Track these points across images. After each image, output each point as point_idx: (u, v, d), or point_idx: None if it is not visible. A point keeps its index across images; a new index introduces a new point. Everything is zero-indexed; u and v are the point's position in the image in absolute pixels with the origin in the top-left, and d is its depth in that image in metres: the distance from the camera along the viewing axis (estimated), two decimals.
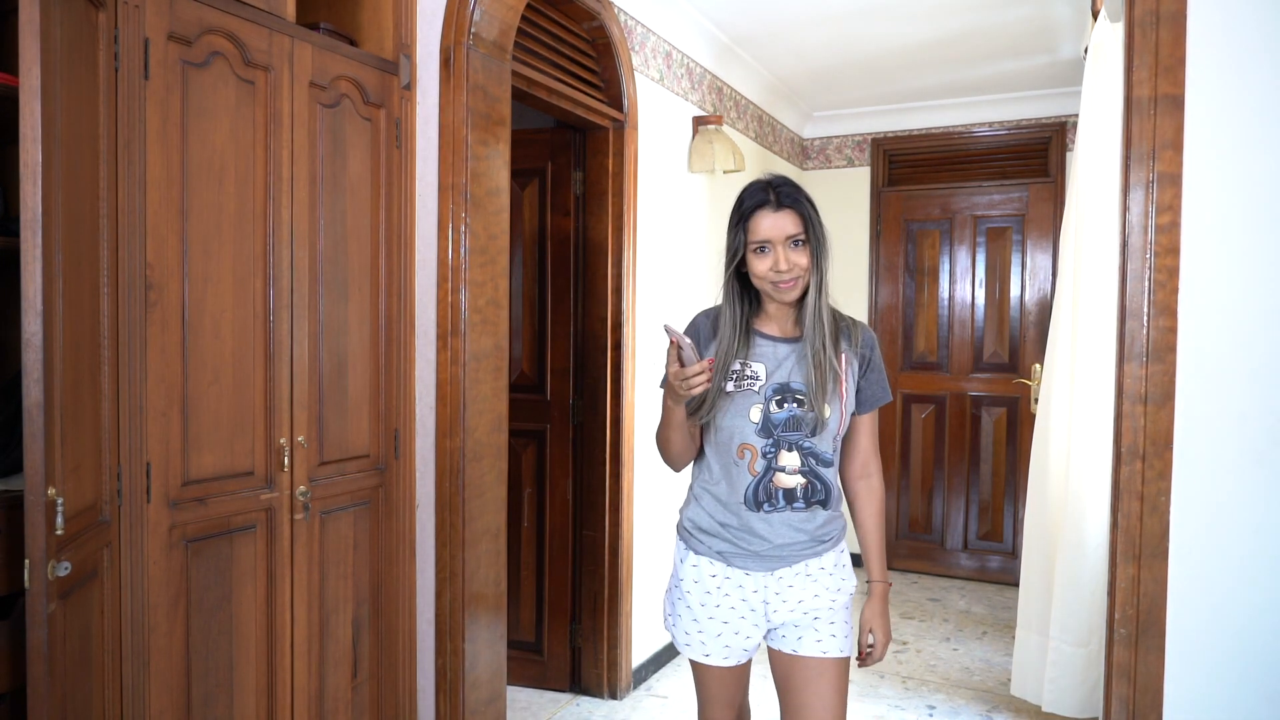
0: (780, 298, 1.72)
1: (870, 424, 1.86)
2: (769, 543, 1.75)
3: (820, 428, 1.71)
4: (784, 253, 1.68)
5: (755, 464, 1.73)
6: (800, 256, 1.69)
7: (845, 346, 1.76)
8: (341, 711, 2.30)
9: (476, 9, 2.45)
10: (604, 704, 3.31)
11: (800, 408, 1.71)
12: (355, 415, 2.32)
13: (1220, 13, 1.83)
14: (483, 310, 2.52)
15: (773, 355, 1.75)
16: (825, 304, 1.73)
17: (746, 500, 1.74)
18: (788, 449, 1.72)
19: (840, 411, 1.74)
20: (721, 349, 1.74)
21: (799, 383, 1.72)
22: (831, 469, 1.77)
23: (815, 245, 1.70)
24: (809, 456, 1.73)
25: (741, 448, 1.73)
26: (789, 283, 1.70)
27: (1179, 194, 1.85)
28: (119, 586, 1.78)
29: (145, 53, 1.78)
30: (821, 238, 1.71)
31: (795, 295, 1.72)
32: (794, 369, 1.73)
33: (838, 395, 1.73)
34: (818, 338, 1.71)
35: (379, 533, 2.42)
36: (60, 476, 1.50)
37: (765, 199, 1.70)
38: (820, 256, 1.71)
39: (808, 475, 1.74)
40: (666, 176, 3.62)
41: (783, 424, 1.71)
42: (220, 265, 1.95)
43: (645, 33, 3.41)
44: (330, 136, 2.22)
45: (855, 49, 4.08)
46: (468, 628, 2.50)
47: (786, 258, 1.68)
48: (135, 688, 1.80)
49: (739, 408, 1.73)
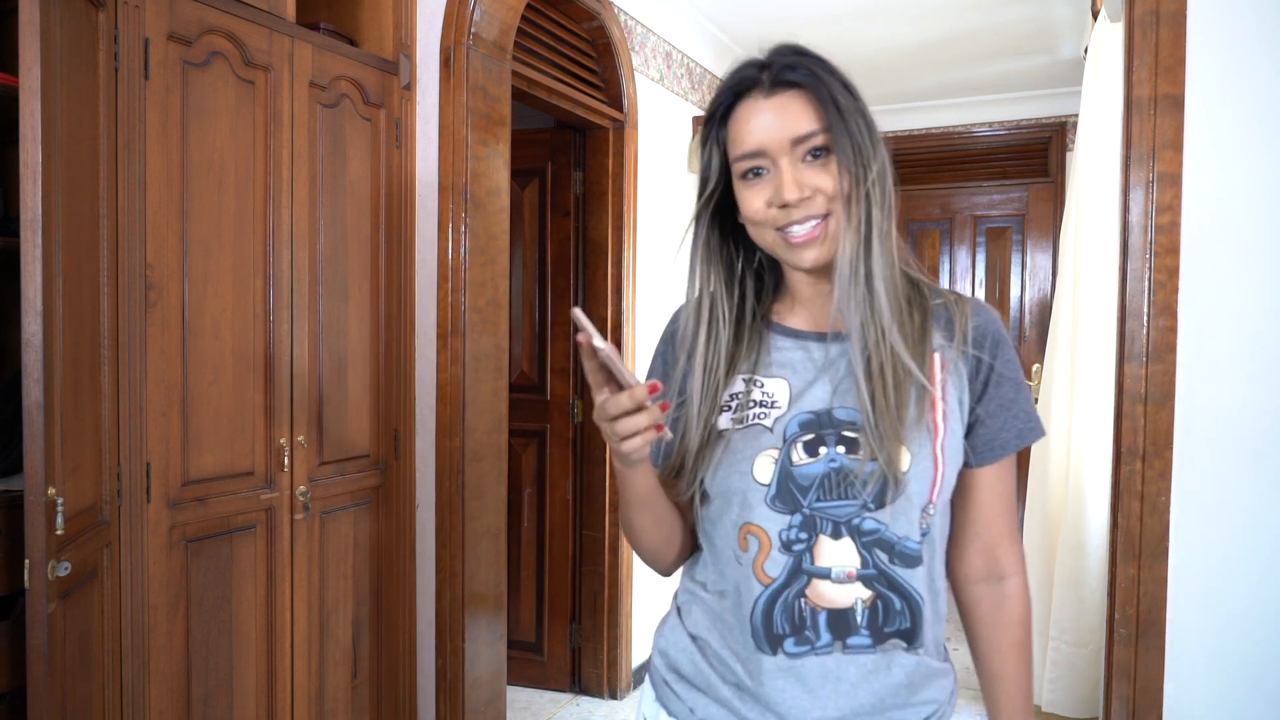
0: (793, 259, 0.97)
1: (1000, 481, 1.02)
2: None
3: (894, 491, 0.93)
4: (790, 170, 0.94)
5: (766, 563, 0.95)
6: (820, 176, 0.94)
7: (940, 342, 0.98)
8: (341, 711, 2.30)
9: (476, 9, 2.45)
10: (604, 704, 3.31)
11: (851, 454, 0.94)
12: (355, 415, 2.32)
13: (1220, 13, 1.83)
14: (483, 310, 2.52)
15: (801, 364, 1.01)
16: (887, 264, 0.96)
17: (755, 631, 0.96)
18: (832, 533, 0.94)
19: (935, 459, 0.95)
20: (708, 359, 1.02)
21: (848, 409, 0.95)
22: (924, 570, 0.96)
23: (853, 155, 0.94)
24: (876, 547, 0.94)
25: (744, 532, 0.97)
26: (807, 231, 0.95)
27: (1179, 194, 1.85)
28: (119, 586, 1.78)
29: (145, 53, 1.78)
30: (865, 140, 0.95)
31: (822, 253, 0.96)
32: (839, 386, 0.97)
33: (927, 429, 0.95)
34: (877, 325, 0.94)
35: (379, 533, 2.42)
36: (60, 476, 1.50)
37: (753, 79, 0.98)
38: (867, 175, 0.94)
39: (876, 584, 0.94)
40: (666, 176, 3.62)
41: (819, 485, 0.94)
42: (220, 265, 1.95)
43: (645, 33, 3.41)
44: (330, 136, 2.22)
45: (855, 49, 4.08)
46: (468, 628, 2.50)
47: (796, 179, 0.94)
48: (135, 688, 1.80)
49: (736, 458, 0.97)
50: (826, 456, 0.95)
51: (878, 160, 0.95)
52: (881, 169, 0.96)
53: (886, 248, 0.96)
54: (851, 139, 0.94)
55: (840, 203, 0.94)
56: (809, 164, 0.95)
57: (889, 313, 0.95)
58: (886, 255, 0.96)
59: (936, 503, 0.96)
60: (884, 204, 0.95)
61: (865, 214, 0.94)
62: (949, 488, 0.97)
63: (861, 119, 0.95)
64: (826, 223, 0.95)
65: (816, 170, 0.95)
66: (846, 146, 0.94)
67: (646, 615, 3.53)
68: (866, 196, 0.94)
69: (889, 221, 0.96)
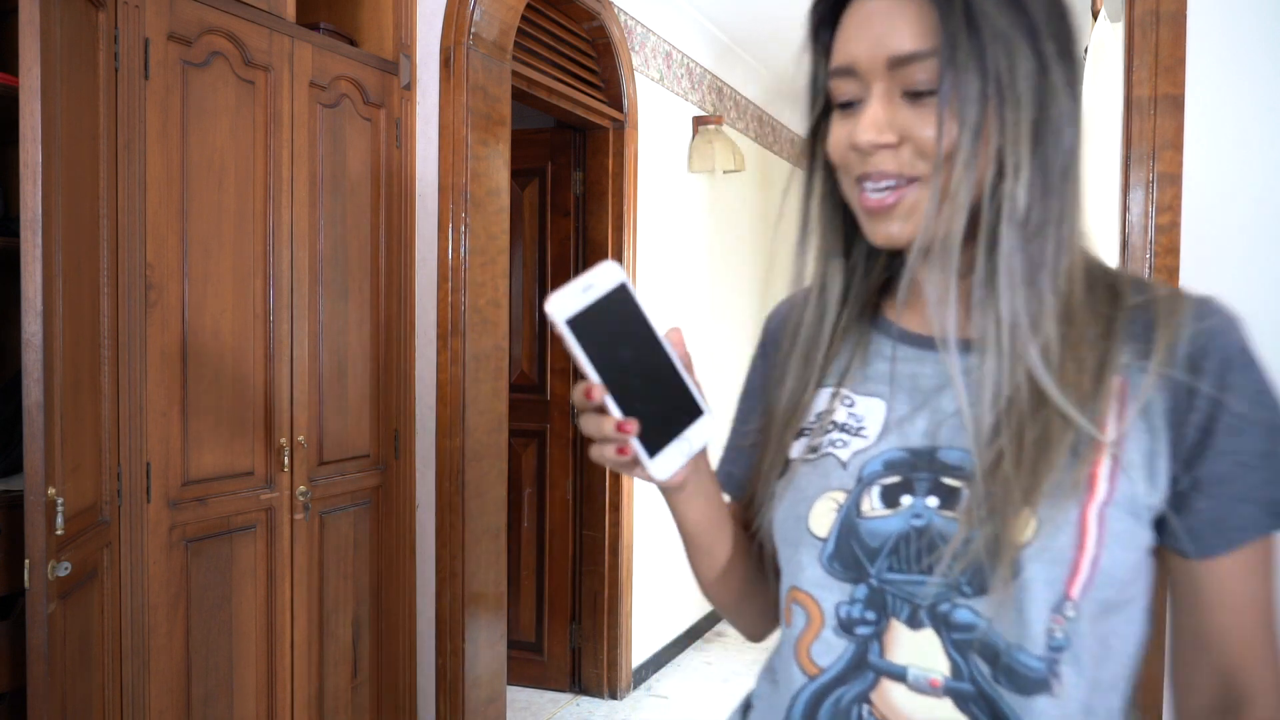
0: (867, 231, 0.69)
1: (1243, 578, 0.65)
2: None
3: (1001, 573, 0.61)
4: (878, 103, 0.65)
5: (814, 645, 0.69)
6: (918, 120, 0.64)
7: (1129, 360, 0.65)
8: (341, 711, 2.30)
9: (476, 9, 2.45)
10: (604, 704, 3.31)
11: (946, 510, 0.65)
12: (355, 415, 2.32)
13: (1220, 13, 1.83)
14: (483, 310, 2.52)
15: (907, 381, 0.72)
16: (1056, 249, 0.65)
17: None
18: (909, 620, 0.65)
19: (1083, 534, 0.61)
20: (798, 361, 0.76)
21: (959, 450, 0.66)
22: (1054, 706, 0.61)
23: (978, 97, 0.62)
24: (974, 652, 0.63)
25: (790, 599, 0.71)
26: (879, 196, 0.66)
27: (1179, 194, 1.85)
28: (119, 586, 1.78)
29: (145, 53, 1.78)
30: (1016, 74, 0.63)
31: (900, 231, 0.67)
32: (953, 417, 0.68)
33: (1078, 487, 0.62)
34: (1021, 333, 0.64)
35: (379, 533, 2.42)
36: (60, 476, 1.50)
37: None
38: (1005, 127, 0.63)
39: (974, 709, 0.62)
40: (666, 176, 3.62)
41: (892, 549, 0.66)
42: (220, 265, 1.95)
43: (645, 33, 3.41)
44: (330, 136, 2.22)
45: None
46: (468, 628, 2.50)
47: (879, 115, 0.65)
48: (135, 688, 1.80)
49: (794, 499, 0.72)
50: (909, 510, 0.65)
51: (1032, 105, 0.62)
52: (1044, 119, 0.62)
53: (1046, 239, 0.63)
54: (983, 71, 0.61)
55: (939, 166, 0.63)
56: (909, 103, 0.64)
57: (1030, 323, 0.63)
58: (1064, 241, 0.64)
59: (1081, 601, 0.60)
60: (1041, 174, 0.63)
61: (993, 186, 0.63)
62: (1111, 582, 0.61)
63: (1023, 38, 0.61)
64: (907, 191, 0.65)
65: (916, 112, 0.64)
66: (970, 81, 0.61)
67: (646, 615, 3.53)
68: (1013, 152, 0.62)
69: (1057, 202, 0.63)
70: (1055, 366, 0.63)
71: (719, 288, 4.11)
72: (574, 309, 0.62)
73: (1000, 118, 0.63)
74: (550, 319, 0.61)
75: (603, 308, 0.63)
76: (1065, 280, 0.65)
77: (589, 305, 0.62)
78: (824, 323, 0.75)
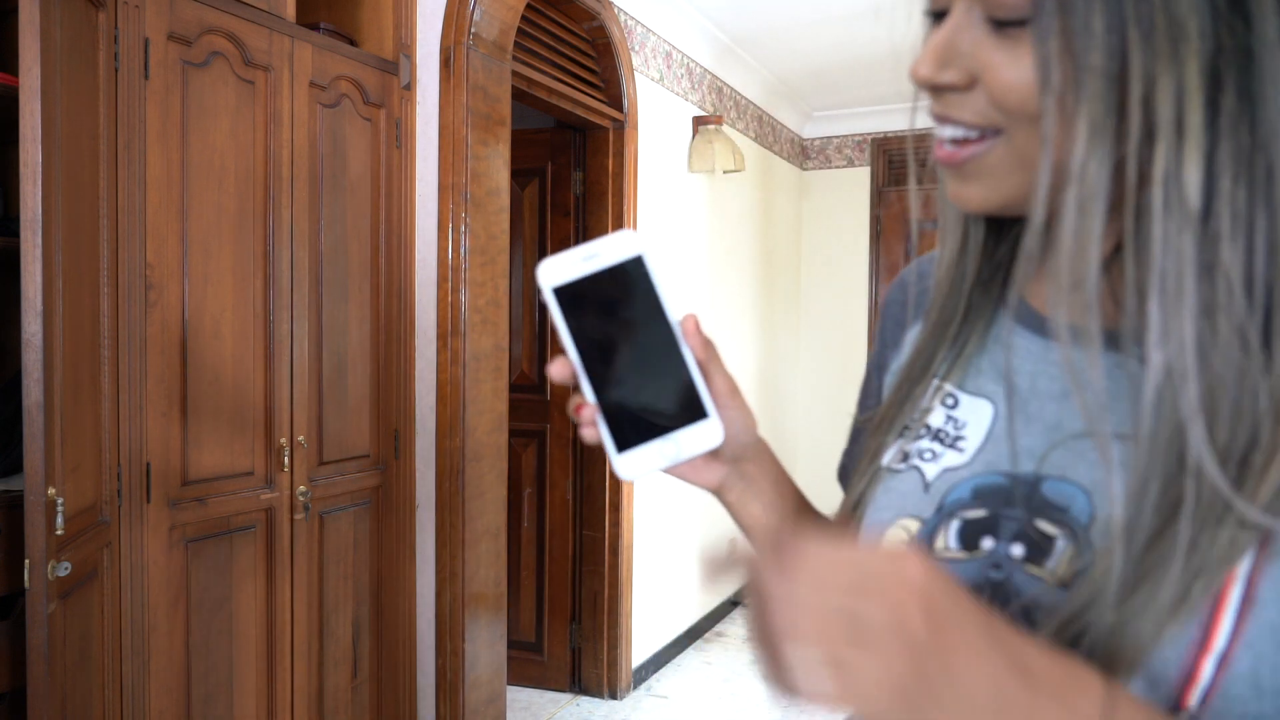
0: (945, 184, 0.55)
1: None
2: None
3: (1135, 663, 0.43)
4: (952, 27, 0.49)
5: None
6: (1001, 57, 0.47)
7: None
8: (341, 711, 2.30)
9: (476, 9, 2.45)
10: (604, 704, 3.31)
11: (1033, 565, 0.49)
12: (355, 415, 2.32)
13: None
14: (483, 310, 2.52)
15: (1029, 380, 0.54)
16: (1249, 258, 0.43)
17: None
18: None
19: (1209, 634, 0.42)
20: (904, 332, 0.66)
21: (1071, 486, 0.50)
22: None
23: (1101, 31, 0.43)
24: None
25: None
26: (949, 148, 0.51)
27: None
28: (119, 586, 1.78)
29: (145, 53, 1.78)
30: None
31: (977, 194, 0.51)
32: (1076, 438, 0.51)
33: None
34: (1176, 332, 0.44)
35: (379, 533, 2.42)
36: (60, 476, 1.50)
37: None
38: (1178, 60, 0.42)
39: None
40: (666, 176, 3.62)
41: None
42: (220, 265, 1.95)
43: (645, 33, 3.41)
44: (330, 136, 2.22)
45: (855, 49, 4.08)
46: (468, 628, 2.50)
47: (947, 45, 0.49)
48: (135, 688, 1.80)
49: (871, 520, 0.59)
50: (987, 557, 0.51)
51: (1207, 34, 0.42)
52: (1227, 59, 0.43)
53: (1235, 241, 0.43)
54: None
55: (1030, 120, 0.46)
56: (994, 33, 0.47)
57: (1228, 299, 0.43)
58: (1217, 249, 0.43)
59: (1200, 710, 0.43)
60: (1232, 141, 0.43)
61: (1140, 155, 0.44)
62: (1240, 702, 0.42)
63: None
64: (980, 147, 0.49)
65: (1001, 46, 0.47)
66: (1076, 9, 0.43)
67: (646, 615, 3.53)
68: (1149, 113, 0.43)
69: (1250, 188, 0.43)
70: (1233, 442, 0.43)
71: (719, 288, 4.11)
72: (567, 277, 0.55)
73: (1147, 53, 0.42)
74: (538, 283, 0.55)
75: (606, 280, 0.55)
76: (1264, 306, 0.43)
77: (587, 275, 0.55)
78: (960, 291, 0.58)
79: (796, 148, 5.19)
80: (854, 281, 5.19)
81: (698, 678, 3.62)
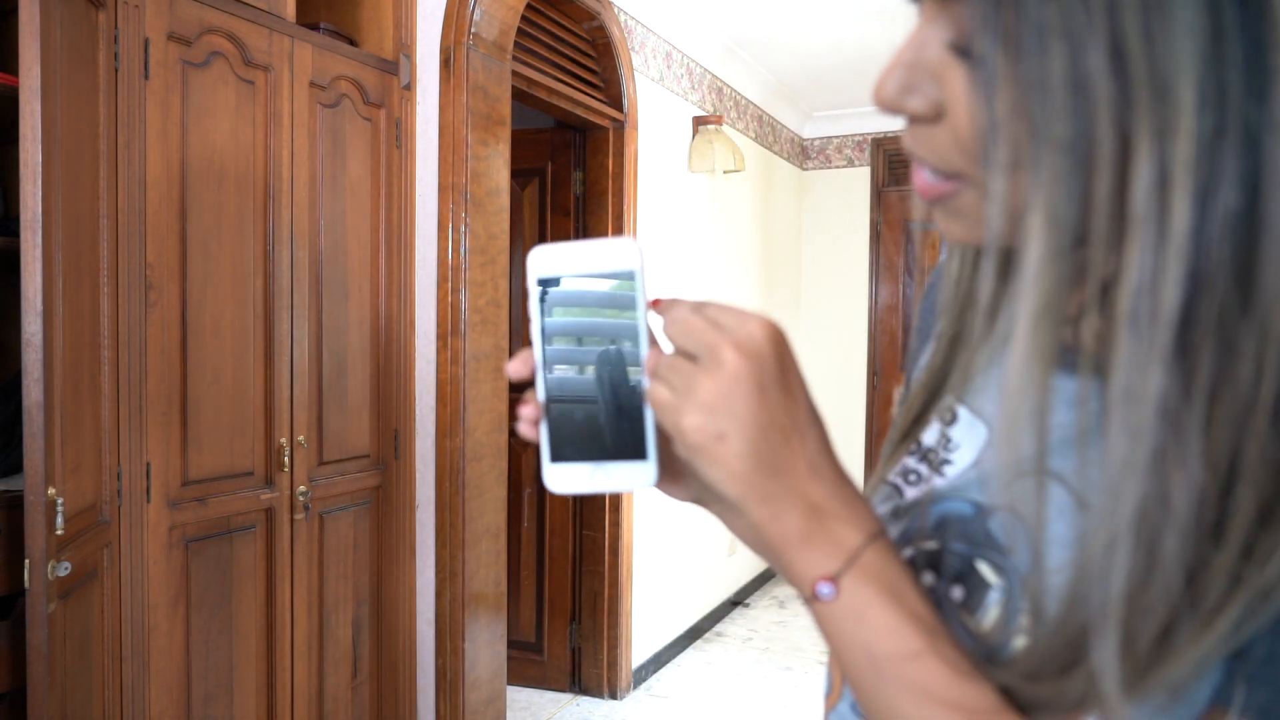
0: (938, 219, 0.45)
1: None
2: None
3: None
4: (915, 42, 0.41)
5: (831, 714, 0.55)
6: (968, 94, 0.38)
7: None
8: (341, 711, 2.30)
9: (476, 9, 2.45)
10: (604, 704, 3.31)
11: (967, 609, 0.46)
12: (355, 415, 2.32)
13: None
14: (483, 310, 2.52)
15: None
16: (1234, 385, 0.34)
17: None
18: None
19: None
20: (924, 336, 0.61)
21: (1022, 520, 0.42)
22: None
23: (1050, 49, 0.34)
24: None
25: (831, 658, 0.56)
26: (921, 180, 0.44)
27: None
28: (119, 586, 1.78)
29: (145, 53, 1.78)
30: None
31: (958, 229, 0.44)
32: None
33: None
34: (1122, 488, 0.35)
35: (379, 533, 2.42)
36: (60, 476, 1.50)
37: None
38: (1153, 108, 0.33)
39: None
40: (666, 176, 3.62)
41: None
42: (220, 265, 1.95)
43: (645, 33, 3.41)
44: (330, 136, 2.22)
45: (855, 49, 4.08)
46: (468, 628, 2.50)
47: (915, 63, 0.41)
48: (135, 688, 1.80)
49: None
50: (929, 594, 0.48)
51: (1194, 68, 0.33)
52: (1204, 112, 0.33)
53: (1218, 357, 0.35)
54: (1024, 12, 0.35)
55: (979, 163, 0.39)
56: (960, 60, 0.39)
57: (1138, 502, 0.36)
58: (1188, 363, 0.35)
59: None
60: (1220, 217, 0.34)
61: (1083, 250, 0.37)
62: None
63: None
64: (951, 188, 0.43)
65: (966, 75, 0.39)
66: (1027, 51, 0.35)
67: (646, 615, 3.53)
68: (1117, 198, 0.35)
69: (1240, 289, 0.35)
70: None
71: (719, 288, 4.11)
72: (556, 271, 0.52)
73: (1121, 121, 0.34)
74: (526, 268, 0.52)
75: (594, 285, 0.53)
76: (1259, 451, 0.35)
77: (576, 276, 0.52)
78: (969, 309, 0.51)
79: (796, 148, 5.19)
80: (854, 281, 5.19)
81: (698, 678, 3.62)
